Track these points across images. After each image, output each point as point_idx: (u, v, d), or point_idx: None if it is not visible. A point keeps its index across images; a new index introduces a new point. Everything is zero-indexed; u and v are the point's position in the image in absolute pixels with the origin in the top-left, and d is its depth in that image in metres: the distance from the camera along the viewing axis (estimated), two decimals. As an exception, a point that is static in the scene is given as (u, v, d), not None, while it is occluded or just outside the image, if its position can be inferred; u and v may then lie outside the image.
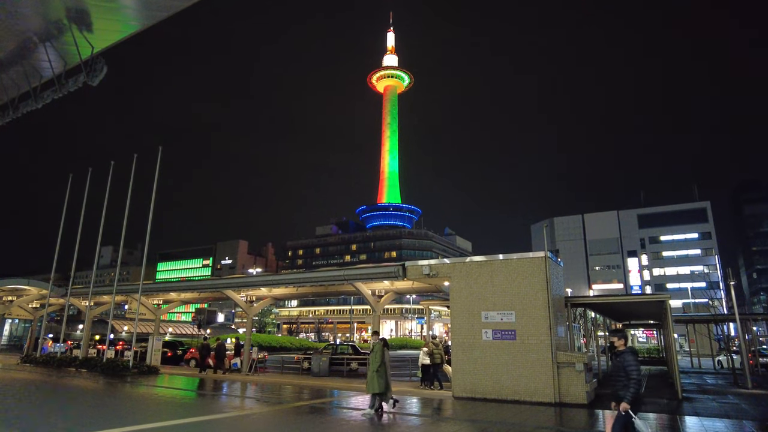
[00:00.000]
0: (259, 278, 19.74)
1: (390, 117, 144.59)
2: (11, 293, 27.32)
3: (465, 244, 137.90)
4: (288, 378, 19.78)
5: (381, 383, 10.64)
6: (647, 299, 16.70)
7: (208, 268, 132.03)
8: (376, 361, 10.82)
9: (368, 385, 10.82)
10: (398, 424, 9.96)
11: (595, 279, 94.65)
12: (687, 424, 10.21)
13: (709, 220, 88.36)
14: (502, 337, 13.90)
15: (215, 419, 9.97)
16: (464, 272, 14.98)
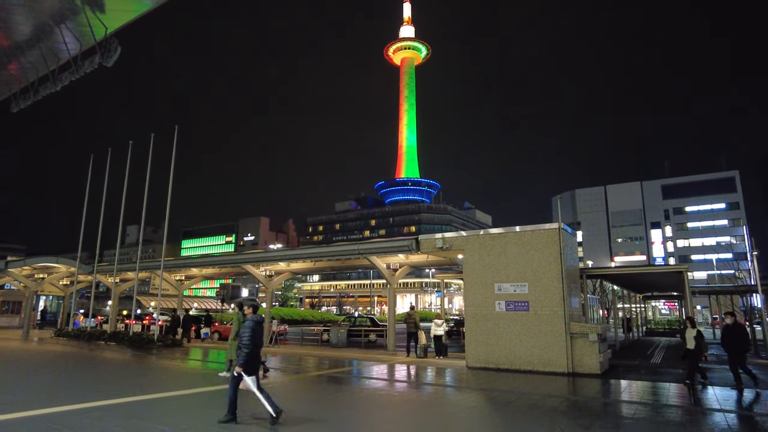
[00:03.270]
0: (276, 253, 20.12)
1: (407, 90, 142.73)
2: (42, 271, 28.43)
3: (485, 218, 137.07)
4: (307, 349, 20.32)
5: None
6: (663, 270, 16.51)
7: (231, 245, 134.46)
8: (233, 331, 11.81)
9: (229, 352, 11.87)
10: (409, 392, 10.23)
11: (617, 251, 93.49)
12: (699, 394, 10.21)
13: (738, 190, 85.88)
14: (515, 309, 13.98)
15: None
16: (477, 245, 15.01)
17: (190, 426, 6.69)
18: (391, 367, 14.41)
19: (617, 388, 10.74)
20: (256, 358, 6.95)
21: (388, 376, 12.70)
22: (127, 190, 23.04)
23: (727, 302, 36.83)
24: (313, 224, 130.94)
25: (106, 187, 24.04)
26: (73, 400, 8.32)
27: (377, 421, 7.61)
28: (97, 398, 8.42)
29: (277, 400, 6.93)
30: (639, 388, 10.77)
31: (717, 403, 9.15)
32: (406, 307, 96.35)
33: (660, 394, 9.97)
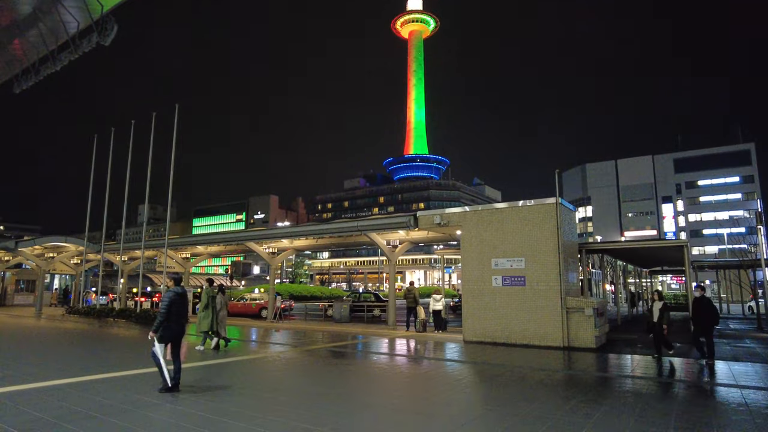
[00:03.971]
0: (278, 230, 20.26)
1: (415, 64, 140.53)
2: (52, 250, 29.00)
3: (494, 193, 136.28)
4: (311, 324, 20.64)
5: (207, 323, 12.24)
6: (663, 245, 16.35)
7: (241, 223, 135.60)
8: (202, 305, 12.47)
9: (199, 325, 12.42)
10: (398, 365, 10.39)
11: (627, 226, 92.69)
12: (695, 367, 10.24)
13: (753, 163, 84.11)
14: (511, 284, 14.03)
15: (232, 361, 10.62)
16: (475, 220, 14.98)
17: (136, 399, 6.89)
18: (388, 341, 14.61)
19: (609, 362, 10.80)
20: (172, 328, 7.26)
21: (383, 349, 12.88)
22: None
23: (733, 276, 36.53)
24: (321, 202, 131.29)
25: (110, 168, 24.24)
26: (70, 374, 8.59)
27: (360, 392, 7.76)
28: (88, 373, 8.69)
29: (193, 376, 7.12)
30: (631, 362, 10.82)
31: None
32: (416, 283, 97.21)
33: (649, 368, 10.01)
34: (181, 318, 7.45)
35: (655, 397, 7.27)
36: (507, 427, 5.68)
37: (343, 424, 5.58)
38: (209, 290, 12.71)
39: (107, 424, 5.56)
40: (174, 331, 7.31)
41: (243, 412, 6.11)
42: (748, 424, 5.75)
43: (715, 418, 6.05)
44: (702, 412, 6.32)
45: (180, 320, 7.42)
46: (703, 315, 10.31)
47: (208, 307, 12.39)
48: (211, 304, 12.45)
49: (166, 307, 7.22)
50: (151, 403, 6.54)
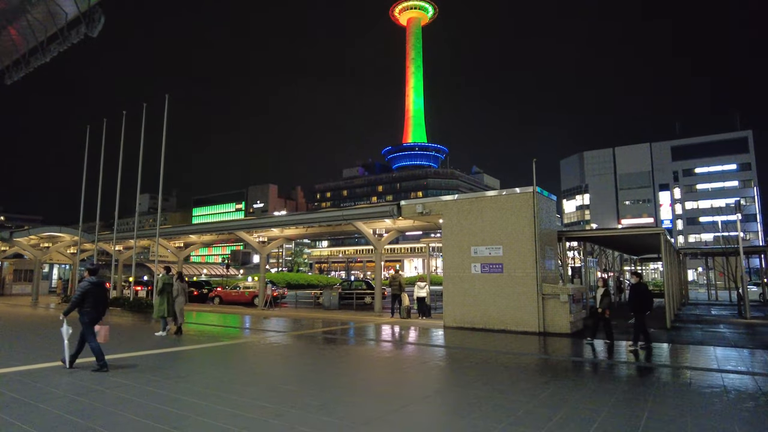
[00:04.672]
0: (266, 219, 20.57)
1: (414, 51, 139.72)
2: (47, 240, 29.37)
3: (493, 182, 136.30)
4: (300, 312, 21.04)
5: (162, 309, 12.76)
6: (639, 232, 16.60)
7: (240, 212, 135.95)
8: (156, 291, 13.10)
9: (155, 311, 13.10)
10: (376, 349, 10.75)
11: (624, 214, 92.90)
12: (655, 351, 10.59)
13: (750, 150, 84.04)
14: (490, 271, 14.36)
15: (212, 347, 10.98)
16: (456, 209, 15.27)
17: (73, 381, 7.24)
18: (371, 327, 14.98)
19: (576, 348, 11.13)
20: (90, 314, 7.82)
21: (362, 335, 13.24)
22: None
23: (721, 264, 36.81)
24: (320, 191, 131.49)
25: (102, 158, 24.48)
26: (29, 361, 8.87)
27: (329, 375, 8.11)
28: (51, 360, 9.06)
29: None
30: (600, 346, 11.17)
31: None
32: (413, 272, 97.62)
33: (615, 352, 10.36)
34: (99, 305, 7.99)
35: (604, 378, 7.63)
36: (451, 405, 6.03)
37: (302, 402, 5.93)
38: (165, 278, 13.12)
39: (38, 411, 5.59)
40: (92, 317, 7.86)
41: (186, 398, 6.46)
42: (667, 397, 6.08)
43: (644, 394, 6.39)
44: (629, 390, 6.66)
45: (98, 307, 7.96)
46: (637, 301, 10.63)
47: (163, 293, 12.82)
48: (167, 291, 12.85)
49: (79, 296, 7.79)
50: (94, 389, 6.86)
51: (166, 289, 12.85)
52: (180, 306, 12.90)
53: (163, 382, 7.08)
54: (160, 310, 12.79)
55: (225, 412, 5.44)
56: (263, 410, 5.55)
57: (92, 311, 7.86)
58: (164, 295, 12.81)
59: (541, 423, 5.12)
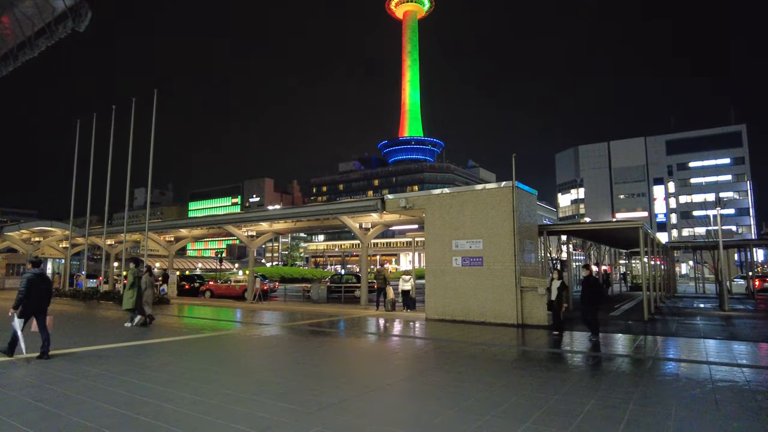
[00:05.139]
0: (254, 214, 20.76)
1: (410, 45, 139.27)
2: (39, 234, 29.50)
3: (489, 176, 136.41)
4: (289, 305, 21.27)
5: (131, 302, 13.01)
6: (619, 226, 16.87)
7: (236, 206, 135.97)
8: (128, 285, 13.24)
9: (124, 303, 13.27)
10: (353, 340, 10.99)
11: (619, 208, 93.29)
12: (621, 342, 10.86)
13: (744, 145, 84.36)
14: (470, 264, 14.60)
15: (191, 338, 11.20)
16: (438, 204, 15.48)
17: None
18: (355, 319, 15.23)
19: (548, 339, 11.38)
20: (32, 305, 8.12)
21: (343, 327, 13.48)
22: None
23: (712, 258, 37.14)
24: (317, 185, 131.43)
25: (93, 152, 24.59)
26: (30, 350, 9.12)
27: (299, 365, 8.35)
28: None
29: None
30: (572, 338, 11.42)
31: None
32: (408, 266, 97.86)
33: (576, 344, 10.62)
34: (42, 295, 8.28)
35: (561, 368, 7.89)
36: (408, 392, 6.27)
37: (267, 390, 6.16)
38: (135, 271, 13.40)
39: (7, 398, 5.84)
40: (34, 308, 8.17)
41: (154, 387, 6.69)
42: (611, 383, 6.34)
43: (597, 382, 6.64)
44: (583, 379, 6.92)
45: (41, 297, 8.25)
46: (588, 293, 10.87)
47: (133, 286, 13.09)
48: (137, 284, 13.12)
49: (25, 287, 8.01)
50: (67, 378, 7.10)
51: (135, 283, 13.13)
52: (149, 299, 13.20)
53: (136, 371, 7.30)
54: (129, 302, 13.08)
55: (188, 399, 5.67)
56: (226, 397, 5.78)
57: (36, 302, 8.14)
58: (134, 288, 13.09)
59: (488, 409, 5.36)
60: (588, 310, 10.84)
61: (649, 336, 11.56)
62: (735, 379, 6.96)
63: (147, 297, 13.21)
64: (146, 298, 13.20)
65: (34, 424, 4.80)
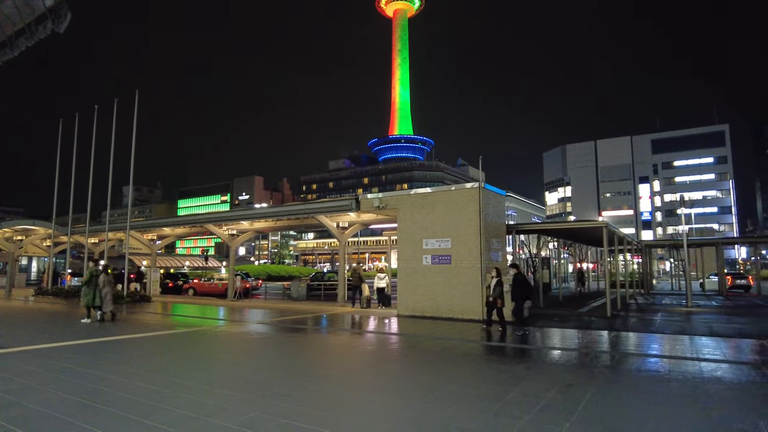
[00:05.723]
0: (234, 213, 21.14)
1: (400, 43, 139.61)
2: (21, 233, 29.61)
3: (478, 174, 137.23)
4: (269, 303, 21.66)
5: (88, 299, 13.55)
6: (584, 225, 17.46)
7: (226, 204, 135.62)
8: (83, 282, 13.90)
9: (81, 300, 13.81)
10: (322, 336, 11.45)
11: (605, 206, 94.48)
12: (567, 334, 11.41)
13: (727, 144, 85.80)
14: (439, 262, 15.10)
15: (163, 334, 11.59)
16: (409, 204, 15.96)
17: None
18: (328, 316, 15.67)
19: (510, 334, 11.90)
20: None
21: (315, 324, 13.92)
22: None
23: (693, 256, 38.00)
24: (306, 183, 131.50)
25: (75, 151, 24.76)
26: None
27: (256, 359, 8.79)
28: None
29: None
30: (530, 333, 11.95)
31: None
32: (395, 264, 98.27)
33: (537, 340, 11.16)
34: None
35: (497, 359, 8.41)
36: (351, 383, 6.75)
37: (218, 380, 6.59)
38: (93, 269, 13.94)
39: None
40: None
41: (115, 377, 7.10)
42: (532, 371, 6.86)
43: (525, 371, 7.16)
44: (513, 369, 7.44)
45: None
46: (516, 290, 11.46)
47: (90, 284, 13.62)
48: (94, 282, 13.62)
49: None
50: (34, 371, 7.49)
51: (93, 281, 13.63)
52: (107, 296, 13.67)
53: (102, 365, 7.70)
54: (87, 299, 13.59)
55: (146, 389, 6.09)
56: (183, 388, 6.20)
57: None
58: (91, 285, 13.60)
59: (422, 396, 5.84)
60: (516, 305, 11.45)
61: (602, 331, 12.09)
62: (650, 368, 7.51)
63: (105, 294, 13.67)
64: (105, 295, 13.66)
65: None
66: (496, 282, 11.96)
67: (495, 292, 11.88)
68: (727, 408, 5.41)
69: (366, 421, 4.91)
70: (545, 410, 5.22)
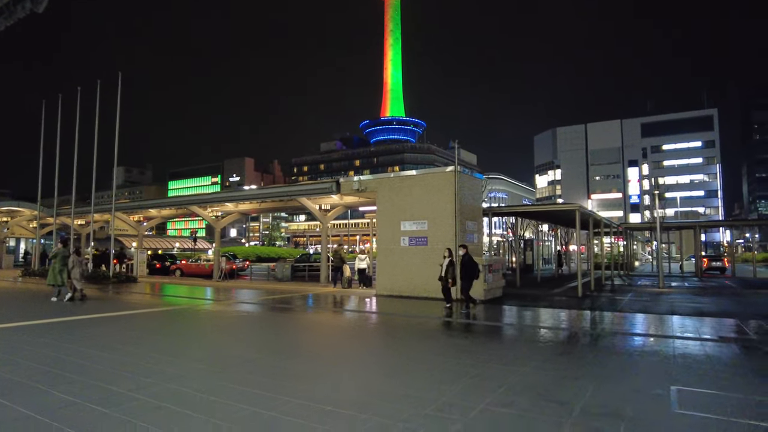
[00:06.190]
0: (217, 195, 21.39)
1: (392, 24, 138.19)
2: (7, 214, 29.66)
3: (469, 156, 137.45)
4: (253, 283, 22.04)
5: (57, 279, 14.07)
6: (556, 208, 17.92)
7: (216, 186, 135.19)
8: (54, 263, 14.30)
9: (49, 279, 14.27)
10: (296, 314, 11.86)
11: (594, 189, 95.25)
12: (528, 312, 11.90)
13: (715, 128, 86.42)
14: (416, 243, 15.50)
15: (140, 312, 11.95)
16: (388, 187, 16.28)
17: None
18: (308, 296, 16.09)
19: (479, 312, 12.37)
20: None
21: (294, 302, 14.33)
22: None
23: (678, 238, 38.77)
24: (298, 164, 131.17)
25: (59, 132, 24.72)
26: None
27: (225, 335, 9.17)
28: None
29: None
30: (496, 311, 12.42)
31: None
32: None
33: (501, 315, 11.64)
34: None
35: (454, 334, 8.87)
36: (308, 354, 7.15)
37: (182, 352, 6.97)
38: (62, 250, 14.48)
39: None
40: None
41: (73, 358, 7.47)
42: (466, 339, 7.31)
43: (473, 344, 7.61)
44: (457, 337, 7.89)
45: None
46: (463, 270, 11.87)
47: (59, 264, 14.13)
48: (63, 263, 14.11)
49: None
50: (9, 346, 7.83)
51: (59, 261, 14.13)
52: (75, 276, 14.07)
53: (77, 339, 8.04)
54: (55, 279, 14.07)
55: (115, 360, 6.46)
56: (150, 359, 6.57)
57: None
58: (56, 265, 14.12)
59: (372, 367, 6.26)
60: (464, 284, 11.88)
61: (565, 310, 12.52)
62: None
63: (75, 274, 14.04)
64: (74, 275, 14.03)
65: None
66: (448, 262, 12.30)
67: (449, 273, 12.21)
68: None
69: (319, 389, 5.31)
70: (479, 378, 5.65)
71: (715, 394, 5.01)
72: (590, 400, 4.77)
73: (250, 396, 4.90)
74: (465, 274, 11.92)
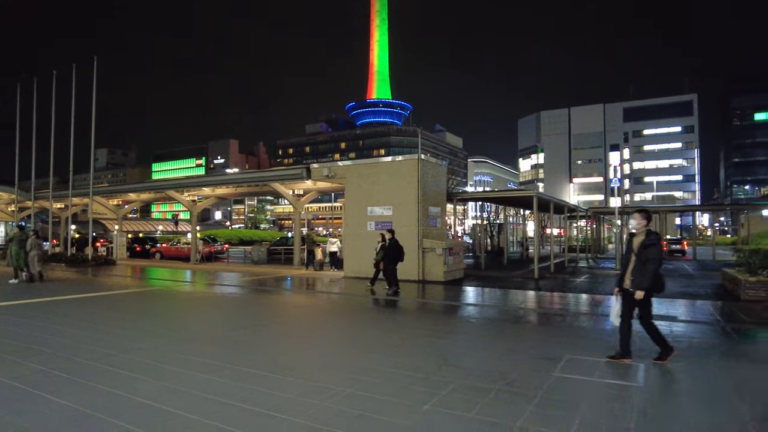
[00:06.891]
0: (192, 179, 21.88)
1: (379, 3, 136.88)
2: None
3: (455, 140, 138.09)
4: (230, 266, 22.73)
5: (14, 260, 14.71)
6: (516, 194, 18.77)
7: (201, 168, 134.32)
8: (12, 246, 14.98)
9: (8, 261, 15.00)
10: (269, 295, 12.60)
11: (576, 173, 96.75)
12: (473, 292, 12.78)
13: (694, 113, 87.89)
14: (382, 228, 16.16)
15: (113, 294, 12.60)
16: (356, 173, 16.95)
17: None
18: (279, 278, 16.83)
19: (437, 291, 13.22)
20: None
21: (265, 284, 15.07)
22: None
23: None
24: (283, 147, 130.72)
25: (34, 115, 24.85)
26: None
27: (183, 313, 9.89)
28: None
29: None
30: (451, 291, 13.29)
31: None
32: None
33: (456, 294, 12.50)
34: None
35: (385, 310, 9.70)
36: (263, 332, 7.93)
37: (141, 328, 7.68)
38: (20, 234, 15.15)
39: None
40: None
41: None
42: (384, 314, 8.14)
43: (402, 318, 8.43)
44: (385, 318, 8.72)
45: None
46: (390, 254, 12.52)
47: (16, 247, 14.76)
48: (20, 246, 14.74)
49: None
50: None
51: (15, 244, 14.77)
52: (34, 258, 14.72)
53: (50, 318, 8.71)
54: (15, 261, 14.71)
55: (78, 336, 7.16)
56: (113, 335, 7.28)
57: None
58: (12, 248, 14.79)
59: (314, 340, 7.04)
60: (388, 267, 12.51)
61: (512, 290, 13.38)
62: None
63: (33, 257, 14.71)
64: (32, 257, 14.70)
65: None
66: (380, 246, 12.98)
67: (378, 256, 12.88)
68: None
69: (260, 358, 6.07)
70: (397, 348, 6.46)
71: (596, 361, 5.87)
72: (485, 366, 5.59)
73: (200, 364, 5.64)
74: (389, 258, 12.47)
